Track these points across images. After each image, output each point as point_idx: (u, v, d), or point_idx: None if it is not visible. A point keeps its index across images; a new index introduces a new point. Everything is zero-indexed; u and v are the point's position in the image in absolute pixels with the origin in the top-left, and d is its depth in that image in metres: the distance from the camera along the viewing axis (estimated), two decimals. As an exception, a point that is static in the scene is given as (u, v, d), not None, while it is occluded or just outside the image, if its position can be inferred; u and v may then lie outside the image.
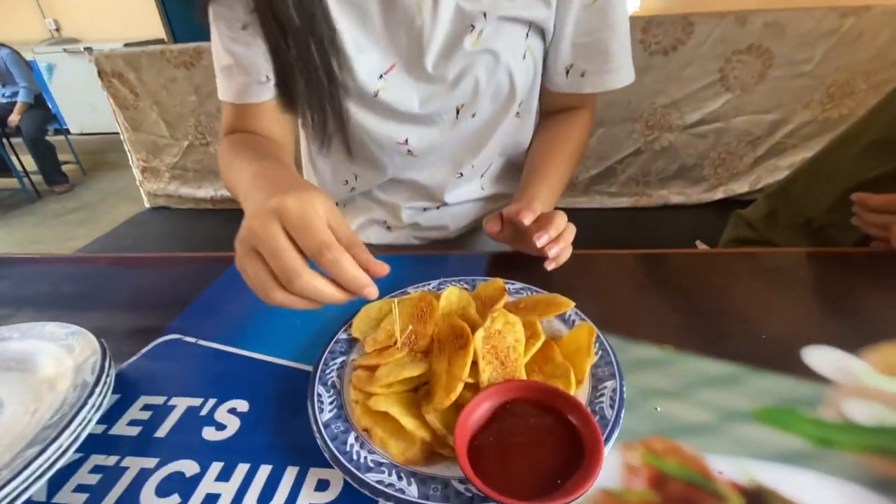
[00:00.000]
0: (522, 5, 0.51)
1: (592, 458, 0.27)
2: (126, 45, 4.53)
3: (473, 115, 0.58)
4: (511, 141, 0.65)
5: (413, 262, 0.60)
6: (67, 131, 4.63)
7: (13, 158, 3.33)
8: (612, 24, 0.55)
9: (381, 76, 0.53)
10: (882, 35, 1.54)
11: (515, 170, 0.68)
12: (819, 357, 0.40)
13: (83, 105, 4.80)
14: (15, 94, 3.38)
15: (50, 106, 4.38)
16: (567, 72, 0.59)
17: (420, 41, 0.51)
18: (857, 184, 0.70)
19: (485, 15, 0.50)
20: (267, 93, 0.54)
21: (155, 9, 5.00)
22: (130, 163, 1.70)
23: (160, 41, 4.97)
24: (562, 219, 0.49)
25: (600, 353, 0.38)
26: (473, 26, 0.50)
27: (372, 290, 0.32)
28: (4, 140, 3.11)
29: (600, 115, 1.84)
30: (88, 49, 4.50)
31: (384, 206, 0.69)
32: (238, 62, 0.52)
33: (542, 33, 0.56)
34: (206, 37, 0.55)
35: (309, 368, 0.41)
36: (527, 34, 0.54)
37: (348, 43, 0.51)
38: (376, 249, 0.76)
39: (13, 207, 3.51)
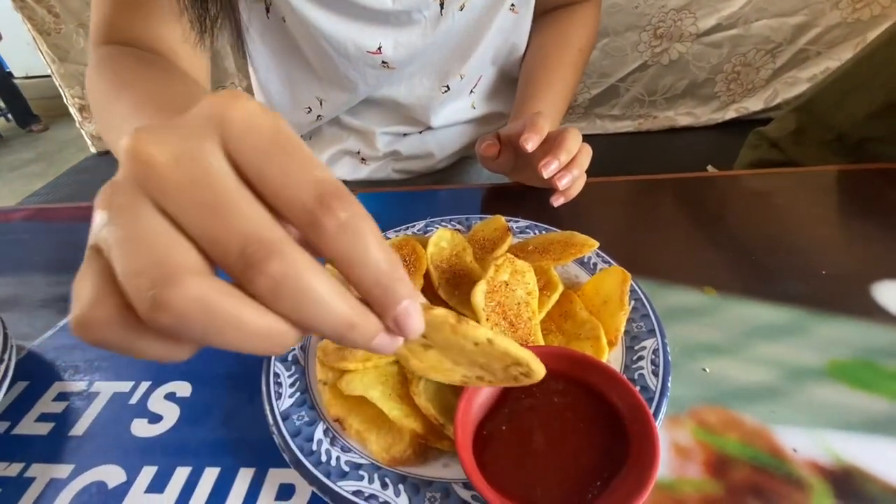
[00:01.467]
0: None
1: (643, 451, 0.21)
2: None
3: (462, 8, 0.47)
4: (506, 43, 0.55)
5: (393, 200, 0.52)
6: (10, 75, 4.21)
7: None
8: None
9: None
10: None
11: (511, 83, 0.59)
12: (894, 294, 0.35)
13: (23, 43, 4.42)
14: None
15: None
16: None
17: None
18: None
19: None
20: None
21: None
22: (65, 101, 1.52)
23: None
24: (574, 139, 0.40)
25: (632, 303, 0.31)
26: None
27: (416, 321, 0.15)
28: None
29: (603, 24, 1.68)
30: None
31: (356, 133, 0.59)
32: None
33: None
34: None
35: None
36: None
37: None
38: (349, 187, 0.68)
39: (-38, 163, 3.28)
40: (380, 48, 0.48)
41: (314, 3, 0.45)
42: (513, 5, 0.51)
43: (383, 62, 0.49)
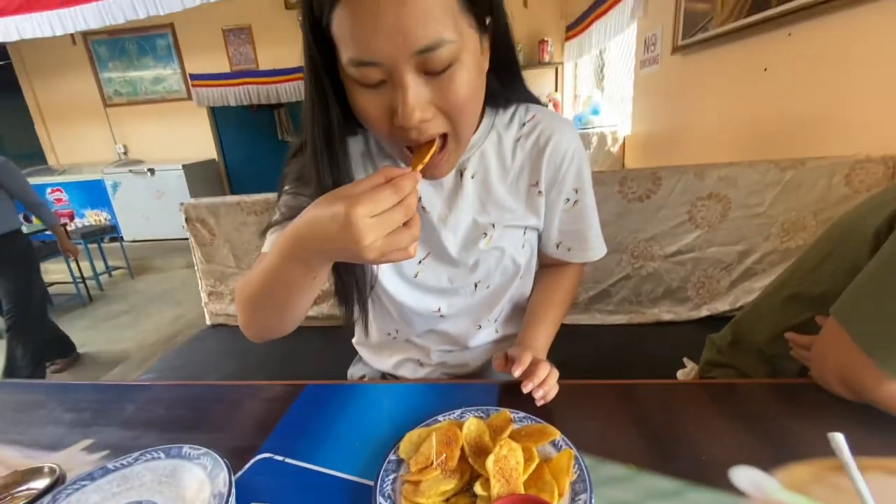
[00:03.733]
0: (520, 217, 0.74)
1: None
2: (183, 165, 5.15)
3: (488, 287, 0.78)
4: (517, 294, 0.84)
5: (441, 391, 0.73)
6: (122, 239, 5.14)
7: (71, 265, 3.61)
8: (585, 219, 0.77)
9: (420, 261, 0.74)
10: (819, 183, 1.80)
11: (522, 311, 0.86)
12: (742, 475, 0.51)
13: (139, 217, 5.39)
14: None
15: (109, 216, 5.04)
16: (557, 246, 0.80)
17: (445, 244, 0.72)
18: (784, 328, 0.83)
19: (493, 225, 0.72)
20: None
21: (210, 135, 5.82)
22: (200, 289, 1.95)
23: (212, 161, 5.71)
24: (543, 369, 0.64)
25: (578, 471, 0.51)
26: (486, 233, 0.72)
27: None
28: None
29: (592, 246, 2.03)
30: (151, 171, 5.17)
31: (418, 348, 0.84)
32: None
33: (536, 230, 0.78)
34: (251, 160, 0.72)
35: (370, 483, 0.53)
36: (524, 232, 0.76)
37: None
38: (410, 384, 0.91)
39: (67, 311, 3.77)
40: (439, 309, 0.77)
41: (406, 289, 0.75)
42: (521, 276, 0.80)
43: (441, 315, 0.78)
